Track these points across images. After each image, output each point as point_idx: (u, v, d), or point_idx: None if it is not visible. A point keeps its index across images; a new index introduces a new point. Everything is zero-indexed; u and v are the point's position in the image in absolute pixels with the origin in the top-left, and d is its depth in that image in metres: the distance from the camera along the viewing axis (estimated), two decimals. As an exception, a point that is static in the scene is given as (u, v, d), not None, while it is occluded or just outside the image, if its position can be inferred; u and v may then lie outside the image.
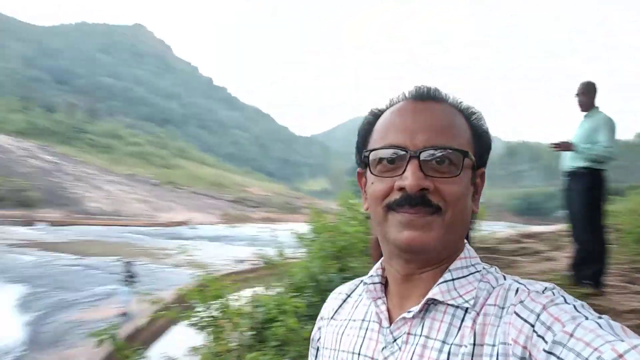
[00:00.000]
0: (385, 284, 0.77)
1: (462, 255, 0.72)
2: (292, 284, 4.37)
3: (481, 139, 0.74)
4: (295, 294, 4.04)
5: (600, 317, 0.56)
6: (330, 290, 0.90)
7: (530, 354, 0.57)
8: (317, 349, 0.86)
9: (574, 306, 0.58)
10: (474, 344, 0.62)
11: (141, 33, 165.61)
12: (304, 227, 5.53)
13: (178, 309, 4.19)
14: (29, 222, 27.79)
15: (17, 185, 33.23)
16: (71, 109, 53.79)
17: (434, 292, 0.67)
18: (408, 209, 0.66)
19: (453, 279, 0.69)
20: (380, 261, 0.78)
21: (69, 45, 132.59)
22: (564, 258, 5.44)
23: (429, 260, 0.70)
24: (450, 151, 0.67)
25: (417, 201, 0.65)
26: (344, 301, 0.85)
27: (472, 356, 0.61)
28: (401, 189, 0.66)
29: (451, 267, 0.70)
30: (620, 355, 0.48)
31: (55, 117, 47.92)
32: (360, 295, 0.82)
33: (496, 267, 0.74)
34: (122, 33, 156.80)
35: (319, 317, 0.87)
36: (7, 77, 76.27)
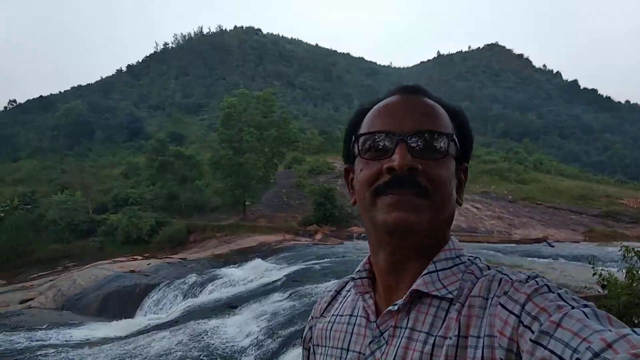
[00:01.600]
0: (373, 278, 0.78)
1: (446, 246, 0.73)
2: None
3: (464, 135, 0.77)
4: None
5: (585, 306, 0.55)
6: None
7: (517, 345, 0.56)
8: (310, 350, 0.88)
9: (559, 294, 0.58)
10: (459, 336, 0.63)
11: (496, 52, 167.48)
12: None
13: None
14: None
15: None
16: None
17: (418, 284, 0.68)
18: (396, 189, 0.67)
19: (437, 270, 0.69)
20: (367, 256, 0.80)
21: (429, 79, 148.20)
22: None
23: (415, 247, 0.70)
24: (437, 134, 0.70)
25: (405, 182, 0.67)
26: (333, 298, 0.87)
27: (457, 347, 0.62)
28: (390, 170, 0.68)
29: (435, 258, 0.71)
30: (609, 345, 0.46)
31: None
32: (348, 291, 0.84)
33: (480, 257, 0.74)
34: (475, 57, 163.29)
35: (309, 318, 0.91)
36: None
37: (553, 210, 35.53)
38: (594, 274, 5.43)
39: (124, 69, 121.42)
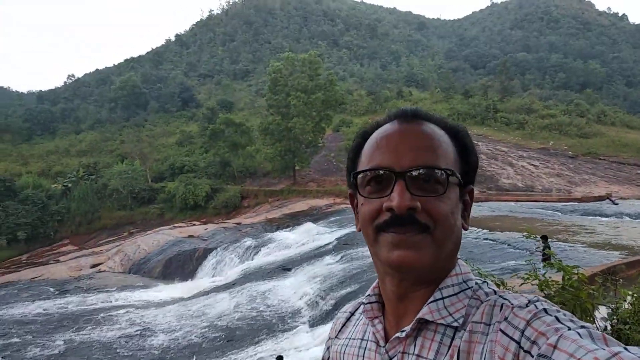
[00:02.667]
0: (382, 302, 0.80)
1: (453, 272, 0.73)
2: None
3: (467, 157, 0.76)
4: None
5: (582, 327, 0.57)
6: None
7: None
8: None
9: (556, 317, 0.59)
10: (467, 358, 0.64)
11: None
12: None
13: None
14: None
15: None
16: (485, 91, 57.12)
17: (424, 312, 0.70)
18: (397, 229, 0.68)
19: (443, 298, 0.70)
20: (376, 282, 0.82)
21: (482, 30, 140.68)
22: None
23: (420, 279, 0.71)
24: (436, 170, 0.69)
25: (405, 221, 0.67)
26: (348, 319, 0.89)
27: None
28: (389, 209, 0.68)
29: (441, 285, 0.71)
30: None
31: (471, 101, 52.34)
32: (361, 313, 0.85)
33: (488, 281, 0.75)
34: (532, 3, 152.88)
35: (327, 337, 0.94)
36: (432, 72, 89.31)
37: (618, 166, 33.51)
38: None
39: (173, 38, 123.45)
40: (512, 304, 0.65)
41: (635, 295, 3.31)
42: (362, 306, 0.82)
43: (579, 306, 3.19)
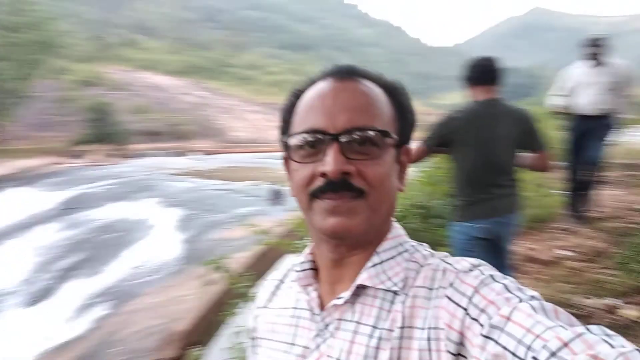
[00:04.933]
0: (316, 269, 0.76)
1: (390, 235, 0.72)
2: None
3: (405, 116, 0.73)
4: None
5: (532, 297, 0.56)
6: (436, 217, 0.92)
7: (465, 338, 0.56)
8: (255, 340, 0.84)
9: (505, 285, 0.58)
10: (403, 327, 0.62)
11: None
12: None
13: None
14: (183, 153, 31.09)
15: (173, 120, 38.19)
16: (219, 45, 57.91)
17: (363, 278, 0.67)
18: (331, 195, 0.65)
19: (382, 262, 0.69)
20: (309, 246, 0.78)
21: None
22: None
23: (357, 244, 0.69)
24: (372, 132, 0.66)
25: (339, 186, 0.64)
26: (277, 287, 0.84)
27: (401, 339, 0.62)
28: (323, 174, 0.65)
29: (379, 249, 0.70)
30: (566, 344, 0.47)
31: (205, 55, 52.44)
32: (292, 281, 0.80)
33: (425, 245, 0.74)
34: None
35: (254, 306, 0.87)
36: (163, 21, 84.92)
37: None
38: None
39: None
40: (456, 269, 0.64)
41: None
42: (293, 273, 0.79)
43: (288, 246, 3.71)
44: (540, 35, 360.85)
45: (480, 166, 2.59)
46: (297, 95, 0.74)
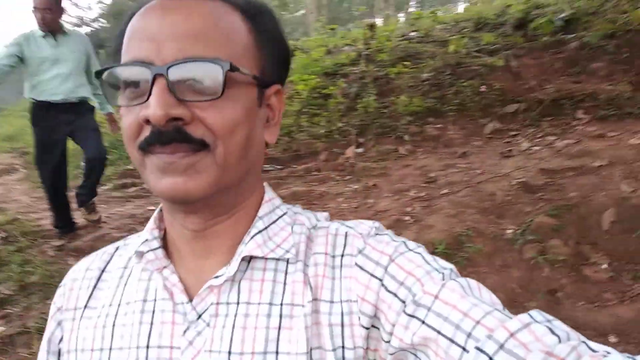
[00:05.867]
0: (166, 247, 0.60)
1: (266, 197, 0.60)
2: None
3: (270, 46, 0.56)
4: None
5: (451, 270, 0.51)
6: None
7: (381, 311, 0.50)
8: (60, 353, 0.62)
9: (422, 256, 0.53)
10: (313, 300, 0.53)
11: None
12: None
13: None
14: None
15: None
16: None
17: (250, 248, 0.54)
18: (162, 148, 0.49)
19: (266, 227, 0.57)
20: (153, 218, 0.61)
21: None
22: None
23: (216, 209, 0.55)
24: (209, 64, 0.48)
25: (170, 137, 0.48)
26: (99, 279, 0.63)
27: (312, 314, 0.52)
28: (147, 121, 0.48)
29: (260, 213, 0.58)
30: (512, 334, 0.41)
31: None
32: (126, 267, 0.62)
33: (298, 205, 0.65)
34: None
35: (53, 309, 0.64)
36: None
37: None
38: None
39: None
40: (359, 232, 0.57)
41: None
42: (135, 257, 0.59)
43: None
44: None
45: None
46: (129, 18, 0.54)
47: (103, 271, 0.63)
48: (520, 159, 4.06)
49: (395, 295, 0.49)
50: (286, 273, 0.55)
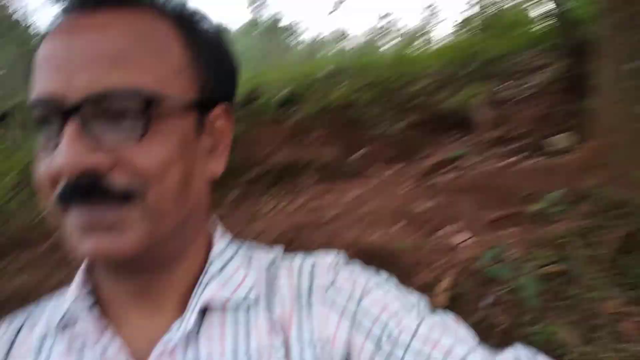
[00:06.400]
0: (101, 301, 0.50)
1: (216, 235, 0.53)
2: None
3: (212, 59, 0.46)
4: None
5: (425, 304, 0.49)
6: None
7: (355, 350, 0.46)
8: None
9: (395, 287, 0.51)
10: (285, 338, 0.48)
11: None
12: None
13: None
14: None
15: None
16: None
17: (206, 298, 0.47)
18: (80, 202, 0.40)
19: (220, 270, 0.50)
20: (81, 270, 0.51)
21: None
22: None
23: (158, 262, 0.47)
24: (127, 96, 0.39)
25: (86, 191, 0.39)
26: (12, 346, 0.51)
27: (285, 353, 0.47)
28: (58, 173, 0.39)
29: (211, 255, 0.51)
30: None
31: None
32: (46, 335, 0.49)
33: (248, 240, 0.60)
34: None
35: None
36: None
37: None
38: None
39: None
40: (327, 263, 0.52)
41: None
42: (58, 320, 0.48)
43: None
44: None
45: None
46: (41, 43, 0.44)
47: (16, 335, 0.51)
48: (265, 220, 4.28)
49: (369, 331, 0.46)
50: (248, 318, 0.48)
